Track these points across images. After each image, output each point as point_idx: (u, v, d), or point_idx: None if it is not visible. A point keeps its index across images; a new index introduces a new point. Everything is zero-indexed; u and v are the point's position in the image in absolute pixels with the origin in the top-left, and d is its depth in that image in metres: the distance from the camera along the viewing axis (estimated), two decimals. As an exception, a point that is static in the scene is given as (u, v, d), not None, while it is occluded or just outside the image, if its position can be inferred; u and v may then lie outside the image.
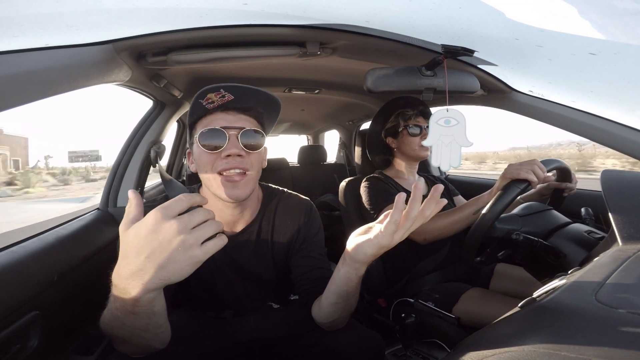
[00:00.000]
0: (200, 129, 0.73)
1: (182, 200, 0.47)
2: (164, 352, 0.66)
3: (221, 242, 0.49)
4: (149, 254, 0.45)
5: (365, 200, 1.27)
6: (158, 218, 0.45)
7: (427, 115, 1.27)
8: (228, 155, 0.70)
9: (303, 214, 0.87)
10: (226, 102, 0.70)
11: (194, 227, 0.46)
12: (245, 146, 0.72)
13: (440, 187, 0.55)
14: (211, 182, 0.73)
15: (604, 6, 0.53)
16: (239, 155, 0.71)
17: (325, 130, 3.53)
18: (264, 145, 0.78)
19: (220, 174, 0.71)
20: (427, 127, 1.25)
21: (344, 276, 0.64)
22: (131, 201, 0.49)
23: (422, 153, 1.26)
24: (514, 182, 0.88)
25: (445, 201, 0.55)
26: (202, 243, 0.47)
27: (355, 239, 0.60)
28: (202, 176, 0.75)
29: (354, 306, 0.74)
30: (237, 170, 0.71)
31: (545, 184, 1.05)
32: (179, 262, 0.46)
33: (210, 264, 0.82)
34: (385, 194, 1.22)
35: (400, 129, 1.27)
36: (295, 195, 0.92)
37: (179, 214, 0.47)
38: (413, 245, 1.13)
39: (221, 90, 0.68)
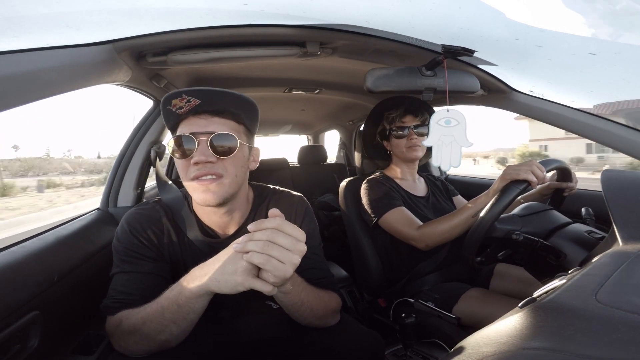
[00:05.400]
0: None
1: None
2: (163, 351, 0.67)
3: (263, 287, 0.57)
4: (222, 261, 0.59)
5: (366, 203, 1.26)
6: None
7: (415, 113, 1.23)
8: (197, 162, 0.68)
9: (295, 213, 0.86)
10: (195, 106, 0.68)
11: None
12: (216, 151, 0.69)
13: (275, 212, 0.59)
14: (187, 187, 0.73)
15: (604, 6, 0.53)
16: (209, 162, 0.69)
17: (326, 130, 3.53)
18: (253, 146, 0.78)
19: (191, 179, 0.70)
20: (416, 125, 1.24)
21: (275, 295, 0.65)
22: None
23: (411, 154, 1.24)
24: (514, 183, 0.88)
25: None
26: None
27: None
28: (182, 181, 0.74)
29: (320, 311, 0.76)
30: (209, 177, 0.69)
31: (545, 184, 1.05)
32: (228, 274, 0.57)
33: None
34: (386, 197, 1.22)
35: (387, 133, 1.28)
36: (288, 193, 0.90)
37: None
38: (413, 246, 1.13)
39: (183, 95, 0.67)
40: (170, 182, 0.91)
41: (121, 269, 0.73)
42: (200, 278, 0.60)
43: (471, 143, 0.88)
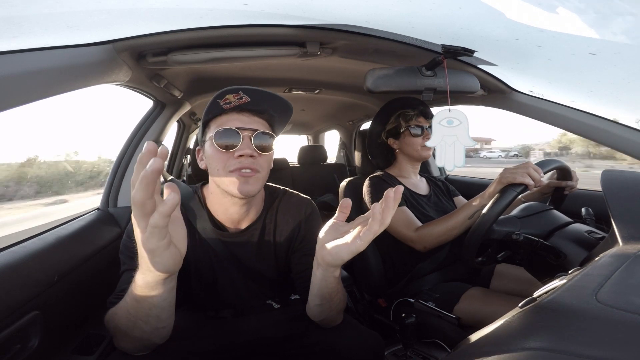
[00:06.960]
0: (214, 127, 0.74)
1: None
2: (163, 350, 0.67)
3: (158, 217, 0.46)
4: (142, 247, 0.51)
5: (368, 201, 1.26)
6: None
7: (427, 115, 1.27)
8: (240, 155, 0.72)
9: (303, 213, 0.88)
10: (242, 103, 0.72)
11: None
12: (257, 147, 0.74)
13: (400, 189, 0.53)
14: (223, 179, 0.75)
15: (603, 6, 0.53)
16: (251, 156, 0.73)
17: (326, 130, 3.53)
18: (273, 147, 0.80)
19: (231, 171, 0.74)
20: (430, 127, 1.26)
21: (321, 279, 0.65)
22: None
23: (425, 153, 1.26)
24: (511, 187, 0.88)
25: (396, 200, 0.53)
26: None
27: (330, 245, 0.58)
28: (214, 173, 0.76)
29: (342, 304, 0.75)
30: (248, 170, 0.74)
31: (544, 183, 1.05)
32: (160, 249, 0.49)
33: (213, 261, 0.82)
34: None
35: (401, 130, 1.27)
36: (297, 194, 0.93)
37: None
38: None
39: (240, 92, 0.70)
40: (174, 178, 0.92)
41: (128, 266, 0.73)
42: (140, 271, 0.54)
43: (474, 142, 0.89)
